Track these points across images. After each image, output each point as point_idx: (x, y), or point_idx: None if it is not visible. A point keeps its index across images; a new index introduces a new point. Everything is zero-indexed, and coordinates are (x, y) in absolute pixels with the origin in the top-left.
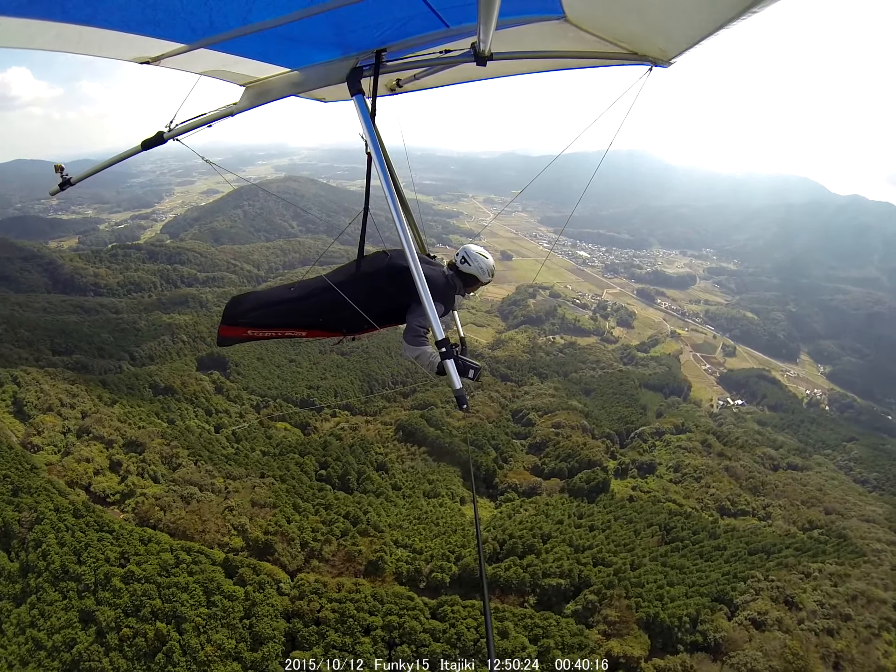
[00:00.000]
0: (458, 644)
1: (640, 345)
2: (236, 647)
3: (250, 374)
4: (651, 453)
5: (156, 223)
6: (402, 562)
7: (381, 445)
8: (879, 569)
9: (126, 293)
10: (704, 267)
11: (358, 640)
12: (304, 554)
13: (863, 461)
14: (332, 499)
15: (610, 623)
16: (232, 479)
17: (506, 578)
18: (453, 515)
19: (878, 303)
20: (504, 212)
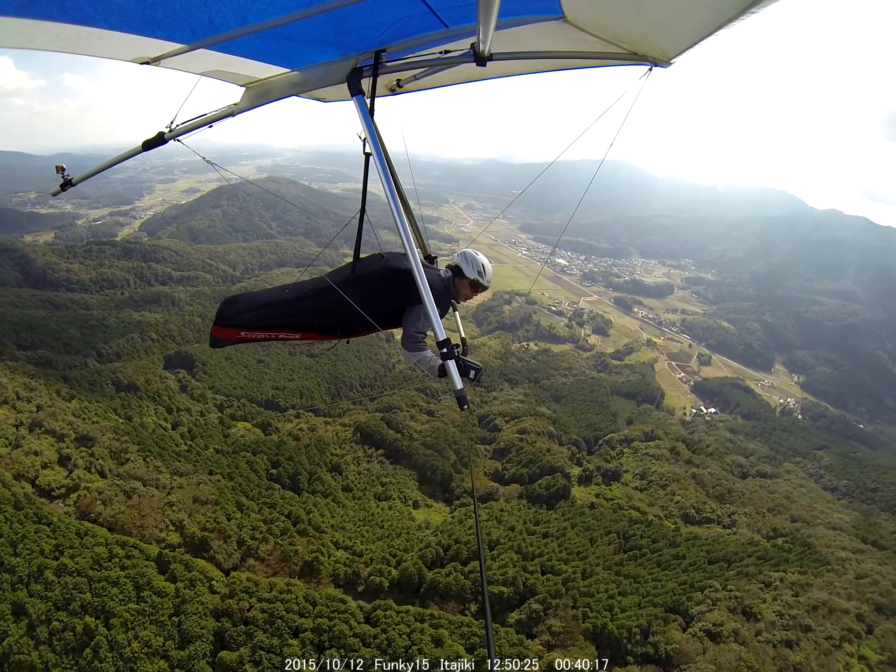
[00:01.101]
0: (389, 650)
1: (615, 353)
2: (164, 644)
3: (217, 374)
4: (618, 460)
5: (134, 220)
6: (340, 564)
7: (338, 447)
8: (843, 578)
9: (98, 289)
10: (683, 277)
11: (286, 641)
12: (241, 552)
13: (833, 469)
14: (278, 498)
15: (554, 633)
16: (179, 476)
17: (445, 584)
18: (401, 519)
19: (853, 315)
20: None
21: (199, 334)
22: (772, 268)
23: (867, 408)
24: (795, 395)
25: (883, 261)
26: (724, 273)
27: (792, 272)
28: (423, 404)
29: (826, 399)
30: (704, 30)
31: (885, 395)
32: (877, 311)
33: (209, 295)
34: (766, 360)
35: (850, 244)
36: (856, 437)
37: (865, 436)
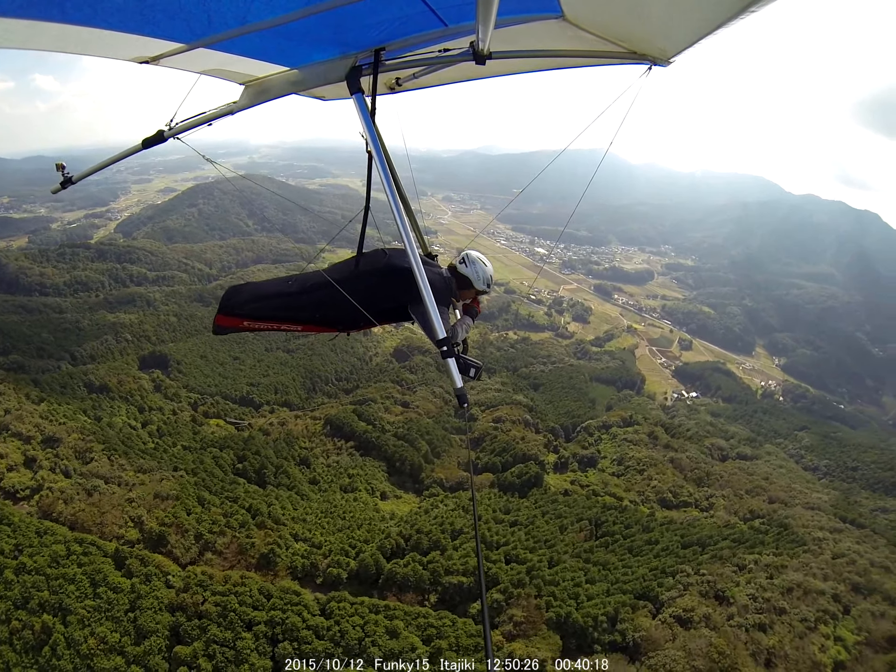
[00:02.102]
0: (342, 642)
1: (595, 340)
2: (120, 640)
3: (191, 373)
4: (596, 447)
5: (110, 222)
6: (298, 556)
7: (308, 440)
8: (819, 558)
9: (73, 293)
10: (662, 263)
11: (239, 635)
12: (199, 546)
13: (814, 449)
14: (241, 492)
15: (516, 623)
16: (142, 473)
17: (403, 575)
18: (364, 510)
19: (832, 297)
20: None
21: (175, 334)
22: (751, 252)
23: (847, 388)
24: (776, 377)
25: (860, 244)
26: (704, 258)
27: (770, 256)
28: (397, 396)
29: (807, 381)
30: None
31: (865, 376)
32: (854, 294)
33: (185, 294)
34: (746, 344)
35: (828, 228)
36: (836, 418)
37: (846, 416)
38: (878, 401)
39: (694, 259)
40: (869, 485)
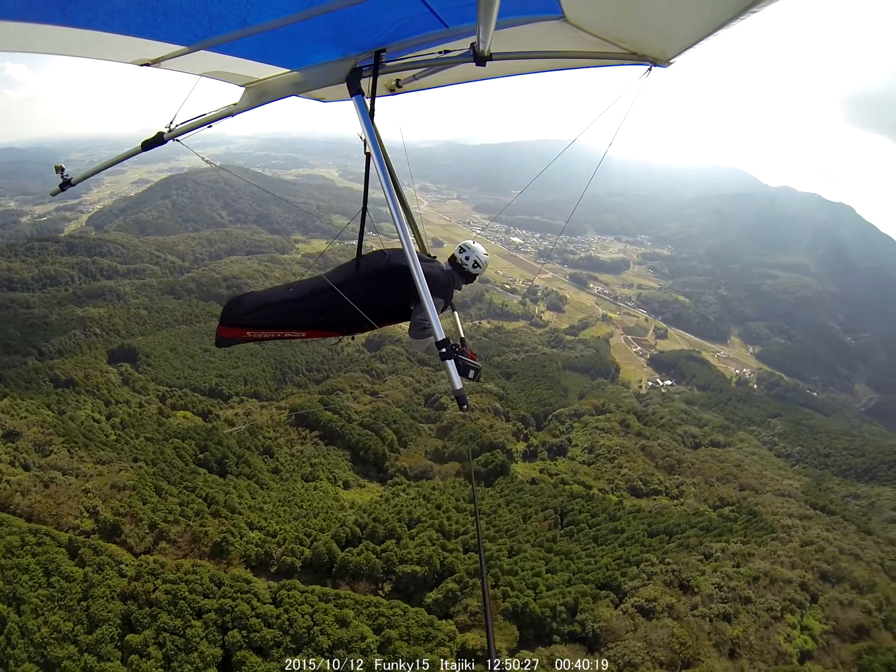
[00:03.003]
0: (291, 631)
1: (570, 328)
2: (73, 629)
3: (160, 365)
4: (567, 435)
5: (81, 215)
6: (252, 545)
7: (272, 430)
8: (788, 546)
9: (41, 287)
10: (639, 252)
11: (189, 622)
12: (154, 536)
13: (786, 436)
14: (199, 482)
15: (471, 613)
16: (101, 464)
17: (356, 564)
18: (323, 499)
19: (806, 287)
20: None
21: (145, 327)
22: (726, 243)
23: (820, 376)
24: (751, 365)
25: (834, 235)
26: (680, 248)
27: (746, 247)
28: (367, 385)
29: (780, 369)
30: (704, 30)
31: (838, 364)
32: (828, 284)
33: (156, 287)
34: (721, 333)
35: (803, 219)
36: (809, 405)
37: (818, 403)
38: (850, 388)
39: (670, 249)
40: (841, 471)
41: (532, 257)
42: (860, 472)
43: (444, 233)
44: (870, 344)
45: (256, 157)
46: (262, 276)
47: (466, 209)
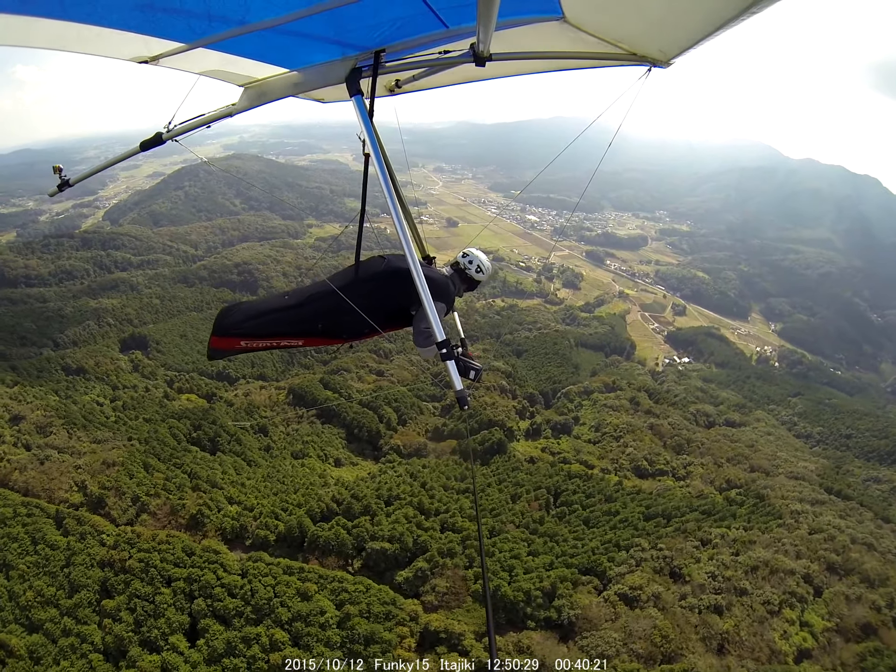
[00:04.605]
0: (252, 601)
1: (585, 305)
2: (55, 594)
3: (170, 352)
4: (575, 412)
5: (98, 210)
6: (228, 518)
7: (269, 409)
8: (794, 533)
9: (58, 282)
10: (657, 228)
11: (159, 590)
12: (136, 508)
13: (807, 416)
14: (188, 459)
15: (439, 594)
16: (97, 443)
17: (325, 539)
18: (308, 475)
19: (830, 262)
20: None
21: (157, 315)
22: (747, 217)
23: (845, 355)
24: (773, 342)
25: (859, 209)
26: (699, 224)
27: (767, 222)
28: (373, 365)
29: (803, 346)
30: (704, 30)
31: (864, 342)
32: (853, 259)
33: (168, 276)
34: (742, 309)
35: (826, 193)
36: (832, 384)
37: (842, 382)
38: (876, 367)
39: (689, 224)
40: (863, 453)
41: (548, 235)
42: (883, 455)
43: (458, 212)
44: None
45: (270, 144)
46: (274, 261)
47: (481, 188)
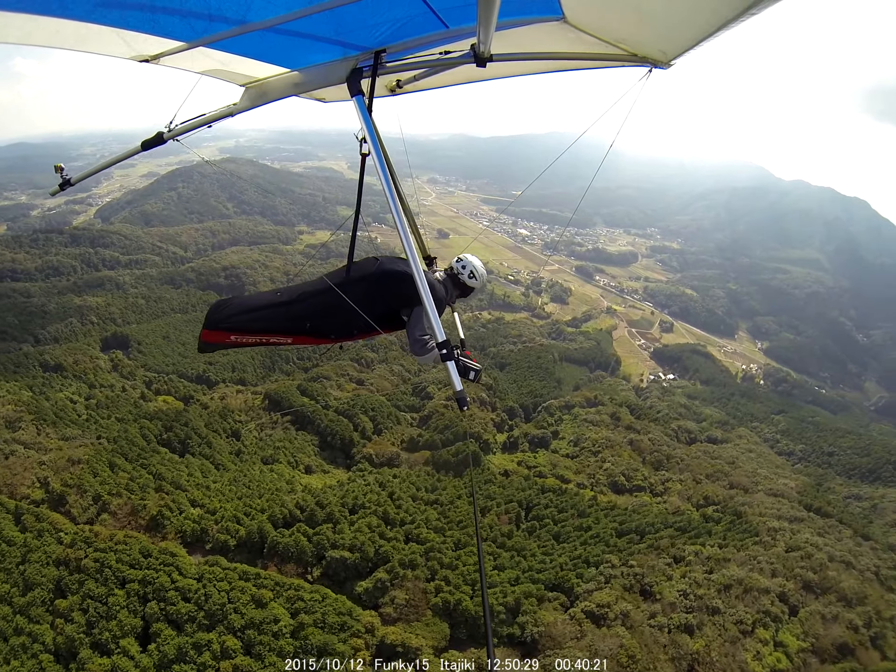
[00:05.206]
0: (205, 606)
1: (572, 320)
2: (9, 591)
3: (151, 352)
4: (555, 427)
5: (90, 208)
6: (189, 521)
7: (244, 413)
8: (770, 551)
9: (44, 278)
10: (648, 245)
11: (112, 591)
12: (97, 507)
13: (789, 433)
14: (155, 460)
15: (397, 607)
16: (65, 440)
17: (285, 546)
18: (275, 481)
19: (818, 282)
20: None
21: (141, 315)
22: (737, 237)
23: (830, 373)
24: (759, 361)
25: (847, 230)
26: (690, 242)
27: (757, 241)
28: (353, 373)
29: (789, 365)
30: (705, 31)
31: (849, 361)
32: (841, 280)
33: (155, 277)
34: (729, 327)
35: (816, 214)
36: (816, 402)
37: (826, 401)
38: (860, 386)
39: (679, 242)
40: (845, 471)
41: (538, 249)
42: (865, 473)
43: (450, 224)
44: (882, 341)
45: (266, 149)
46: (262, 265)
47: (474, 201)
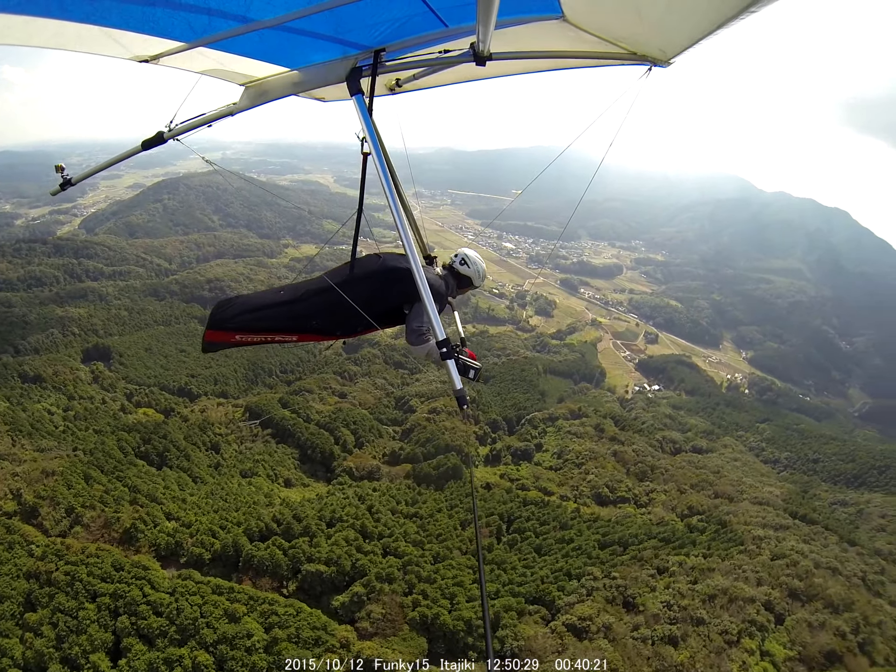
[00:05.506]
0: (177, 621)
1: (556, 333)
2: None
3: (133, 364)
4: (539, 439)
5: (75, 218)
6: (164, 534)
7: (224, 426)
8: (756, 559)
9: (26, 288)
10: (632, 258)
11: (83, 605)
12: (70, 520)
13: (775, 441)
14: (132, 472)
15: (374, 621)
16: (40, 452)
17: (260, 559)
18: (253, 494)
19: (800, 292)
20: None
21: (124, 327)
22: (720, 248)
23: (814, 381)
24: (743, 370)
25: (829, 240)
26: (674, 253)
27: (740, 252)
28: (336, 387)
29: (773, 374)
30: (704, 29)
31: (832, 369)
32: (823, 289)
33: (139, 289)
34: (713, 338)
35: (798, 225)
36: (801, 410)
37: (811, 408)
38: (844, 393)
39: (664, 254)
40: (830, 477)
41: (523, 262)
42: (850, 478)
43: (435, 238)
44: (864, 348)
45: (252, 162)
46: (247, 279)
47: (459, 215)
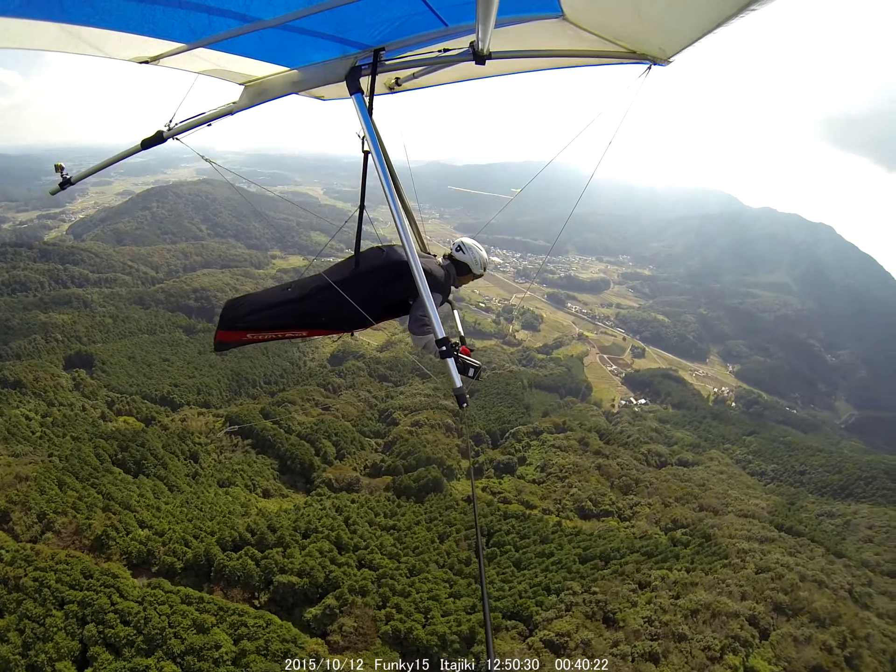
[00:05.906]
0: (144, 630)
1: (543, 347)
2: None
3: (115, 372)
4: (522, 453)
5: (63, 223)
6: (136, 542)
7: (204, 436)
8: (740, 573)
9: (10, 293)
10: (619, 272)
11: (50, 612)
12: (42, 525)
13: (761, 453)
14: (107, 480)
15: (345, 635)
16: (15, 457)
17: (231, 569)
18: (230, 504)
19: (786, 305)
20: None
21: (107, 335)
22: (707, 263)
23: (800, 394)
24: (730, 383)
25: (814, 254)
26: (661, 268)
27: (727, 267)
28: (319, 399)
29: (760, 387)
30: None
31: (818, 381)
32: (808, 302)
33: (124, 296)
34: (700, 351)
35: (783, 239)
36: (788, 422)
37: (797, 420)
38: (830, 405)
39: (651, 269)
40: (816, 489)
41: (511, 277)
42: (836, 490)
43: None
44: (850, 361)
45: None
46: (232, 289)
47: (447, 229)
